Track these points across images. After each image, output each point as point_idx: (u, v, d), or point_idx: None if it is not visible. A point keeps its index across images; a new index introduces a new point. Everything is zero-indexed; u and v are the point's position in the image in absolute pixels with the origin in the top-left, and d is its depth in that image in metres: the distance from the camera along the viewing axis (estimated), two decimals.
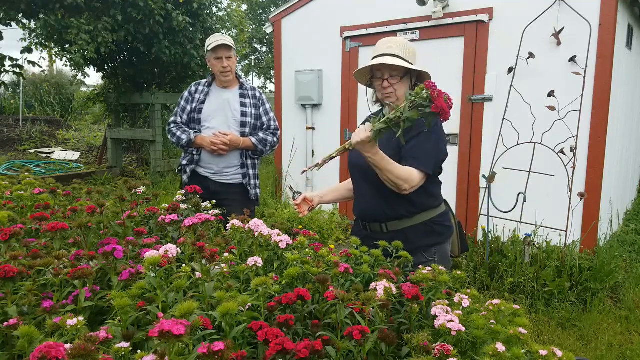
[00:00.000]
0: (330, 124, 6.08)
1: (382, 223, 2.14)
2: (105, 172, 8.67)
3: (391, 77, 2.09)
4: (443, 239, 2.18)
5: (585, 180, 4.33)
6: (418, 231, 2.11)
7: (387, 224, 2.13)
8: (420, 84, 2.14)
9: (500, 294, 3.83)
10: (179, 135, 3.21)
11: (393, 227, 2.13)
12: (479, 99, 4.84)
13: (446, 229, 2.20)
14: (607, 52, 4.16)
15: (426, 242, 2.12)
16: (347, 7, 5.73)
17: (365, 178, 2.16)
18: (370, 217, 2.19)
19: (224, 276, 1.26)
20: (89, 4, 7.07)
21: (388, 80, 2.09)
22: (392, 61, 2.04)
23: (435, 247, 2.14)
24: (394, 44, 2.12)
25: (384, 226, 2.14)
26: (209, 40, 3.19)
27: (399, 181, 1.95)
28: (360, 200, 2.24)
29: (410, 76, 2.13)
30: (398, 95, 2.12)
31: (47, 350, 0.80)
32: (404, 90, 2.12)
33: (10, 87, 15.42)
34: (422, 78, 2.15)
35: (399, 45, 2.12)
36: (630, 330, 3.47)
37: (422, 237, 2.12)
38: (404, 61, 2.06)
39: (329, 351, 1.01)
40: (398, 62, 2.04)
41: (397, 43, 2.14)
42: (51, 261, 1.24)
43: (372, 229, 2.18)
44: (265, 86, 21.18)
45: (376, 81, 2.15)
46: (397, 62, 2.04)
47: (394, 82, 2.09)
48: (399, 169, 1.94)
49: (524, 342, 1.09)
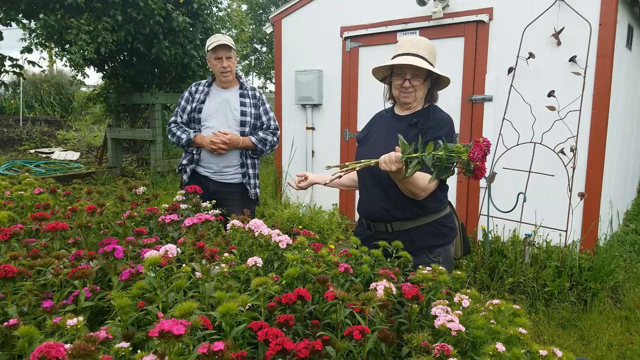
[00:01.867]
0: (330, 124, 6.08)
1: (388, 223, 2.13)
2: (105, 172, 8.67)
3: (413, 78, 2.06)
4: (447, 240, 2.18)
5: (585, 180, 4.33)
6: (423, 232, 2.11)
7: (392, 224, 2.12)
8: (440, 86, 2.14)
9: (500, 294, 3.83)
10: (179, 135, 3.21)
11: (398, 227, 2.12)
12: (479, 99, 4.84)
13: (450, 230, 2.20)
14: (607, 52, 4.16)
15: (431, 243, 2.12)
16: (347, 7, 5.73)
17: (375, 180, 2.13)
18: (376, 217, 2.17)
19: (224, 276, 1.26)
20: (89, 4, 7.06)
21: (410, 81, 2.06)
22: (418, 62, 2.01)
23: (439, 248, 2.14)
24: (420, 44, 2.08)
25: (389, 226, 2.13)
26: (209, 40, 3.19)
27: (418, 190, 1.95)
28: (367, 200, 2.22)
29: (431, 78, 2.10)
30: (417, 96, 2.09)
31: (47, 350, 0.80)
32: (423, 91, 2.10)
33: (10, 87, 15.42)
34: (441, 81, 2.13)
35: (423, 45, 2.08)
36: (630, 330, 3.46)
37: (427, 238, 2.11)
38: (428, 63, 2.03)
39: (329, 351, 1.01)
40: (424, 65, 2.00)
41: (423, 43, 2.09)
42: (51, 261, 1.24)
43: (377, 229, 2.17)
44: (265, 86, 21.20)
45: (396, 79, 2.11)
46: (423, 64, 2.01)
47: (417, 84, 2.06)
48: (418, 180, 1.92)
49: (524, 342, 1.09)
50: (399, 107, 2.23)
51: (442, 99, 2.22)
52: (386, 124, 2.22)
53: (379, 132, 2.24)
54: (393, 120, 2.20)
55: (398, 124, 2.14)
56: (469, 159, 1.51)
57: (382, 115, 2.33)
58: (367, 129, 2.35)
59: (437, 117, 2.09)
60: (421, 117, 2.10)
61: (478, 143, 1.50)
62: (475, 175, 1.54)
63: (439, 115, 2.11)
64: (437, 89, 2.17)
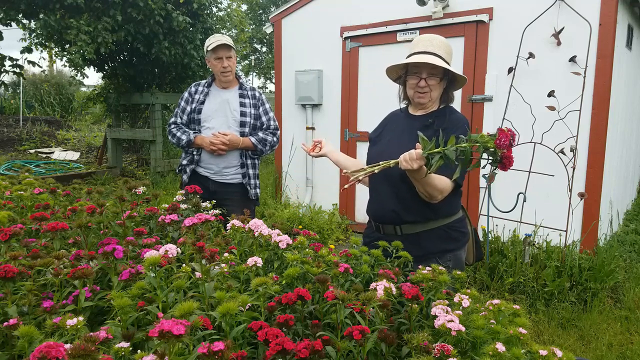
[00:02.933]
0: (330, 124, 6.08)
1: (397, 226, 2.07)
2: (105, 172, 8.67)
3: (429, 77, 2.00)
4: (458, 246, 2.11)
5: (585, 180, 4.33)
6: (433, 236, 2.04)
7: (402, 227, 2.06)
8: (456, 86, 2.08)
9: (500, 294, 3.83)
10: (179, 136, 3.21)
11: (407, 230, 2.05)
12: (479, 99, 4.84)
13: (462, 235, 2.13)
14: (607, 52, 4.16)
15: (441, 248, 2.05)
16: (347, 7, 5.73)
17: (387, 180, 2.07)
18: (385, 220, 2.11)
19: (224, 276, 1.26)
20: (89, 4, 7.06)
21: (426, 80, 2.00)
22: (435, 61, 1.95)
23: (450, 253, 2.06)
24: (437, 43, 2.02)
25: (398, 229, 2.07)
26: (209, 40, 3.19)
27: (435, 192, 1.88)
28: (376, 201, 2.16)
29: (447, 78, 2.05)
30: (432, 96, 2.04)
31: (47, 350, 0.80)
32: (439, 91, 2.05)
33: (10, 87, 15.42)
34: (457, 80, 2.07)
35: (440, 44, 2.03)
36: (630, 330, 3.46)
37: (438, 242, 2.05)
38: (444, 62, 1.98)
39: (329, 351, 1.01)
40: (440, 63, 1.95)
41: (439, 42, 2.04)
42: (51, 261, 1.24)
43: (386, 231, 2.11)
44: (265, 86, 21.19)
45: (411, 78, 2.04)
46: (440, 62, 1.96)
47: (433, 83, 2.01)
48: (437, 181, 1.85)
49: (524, 342, 1.09)
50: (413, 107, 2.17)
51: None
52: (401, 124, 2.17)
53: (393, 132, 2.18)
54: (407, 120, 2.14)
55: (412, 124, 2.08)
56: (496, 146, 1.45)
57: (396, 115, 2.26)
58: (379, 128, 2.29)
59: (453, 118, 2.03)
60: (437, 117, 2.04)
61: (503, 131, 1.45)
62: (503, 164, 1.47)
63: (455, 116, 2.05)
64: (453, 89, 2.10)
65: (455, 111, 2.10)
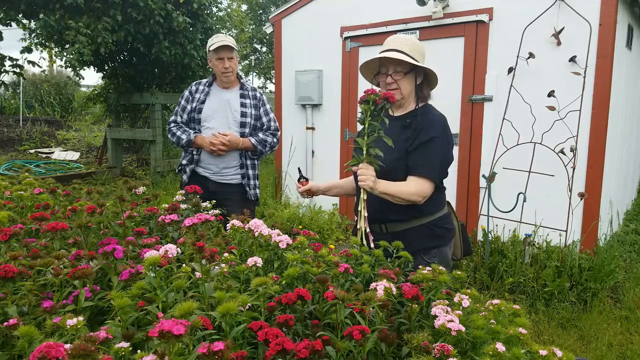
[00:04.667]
0: (330, 124, 6.08)
1: (382, 224, 2.13)
2: (105, 172, 8.67)
3: (395, 73, 2.07)
4: (444, 242, 2.16)
5: (585, 180, 4.33)
6: (418, 233, 2.10)
7: (387, 225, 2.12)
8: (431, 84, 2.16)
9: (500, 294, 3.83)
10: (179, 135, 3.21)
11: (393, 228, 2.12)
12: (479, 99, 4.84)
13: (447, 232, 2.18)
14: (607, 52, 4.16)
15: (425, 245, 2.10)
16: (347, 7, 5.73)
17: None
18: (370, 218, 2.14)
19: (224, 276, 1.26)
20: (89, 4, 7.06)
21: (392, 76, 2.07)
22: (396, 55, 2.01)
23: (435, 249, 2.12)
24: (401, 40, 2.10)
25: (383, 227, 2.13)
26: (211, 40, 3.19)
27: (412, 197, 1.96)
28: None
29: (415, 74, 2.09)
30: (403, 92, 2.09)
31: (47, 350, 0.80)
32: (409, 88, 2.09)
33: (10, 87, 15.40)
34: (429, 78, 2.12)
35: (405, 41, 2.09)
36: (630, 330, 3.46)
37: (422, 240, 2.10)
38: (408, 57, 2.02)
39: (329, 351, 1.01)
40: (401, 57, 2.00)
41: (404, 39, 2.11)
42: (51, 261, 1.24)
43: (372, 229, 2.15)
44: (265, 86, 21.19)
45: (381, 77, 2.13)
46: (401, 56, 2.01)
47: (398, 78, 2.07)
48: (407, 187, 1.95)
49: (524, 342, 1.09)
50: (393, 108, 2.22)
51: (442, 99, 2.22)
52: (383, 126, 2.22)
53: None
54: (390, 122, 2.17)
55: (394, 125, 2.13)
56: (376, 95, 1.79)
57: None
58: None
59: (429, 118, 2.08)
60: (414, 117, 2.09)
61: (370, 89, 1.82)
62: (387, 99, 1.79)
63: (430, 115, 2.10)
64: (428, 87, 2.16)
65: (431, 109, 2.15)
